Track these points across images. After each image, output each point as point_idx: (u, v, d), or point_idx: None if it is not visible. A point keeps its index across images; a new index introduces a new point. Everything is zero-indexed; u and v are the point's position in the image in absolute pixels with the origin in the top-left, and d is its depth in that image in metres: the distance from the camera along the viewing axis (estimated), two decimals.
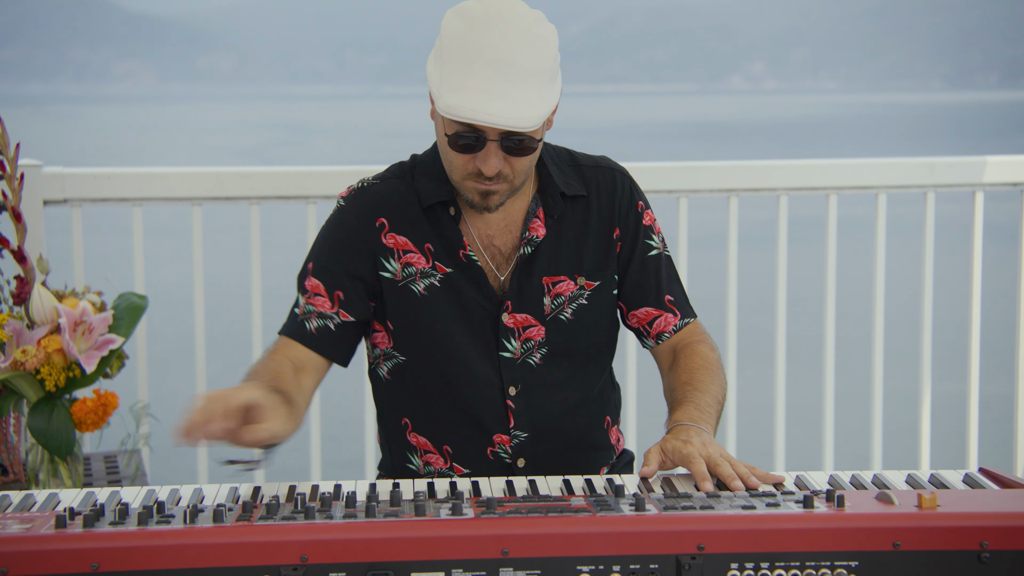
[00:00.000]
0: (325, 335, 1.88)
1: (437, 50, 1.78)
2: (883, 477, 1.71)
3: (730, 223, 3.09)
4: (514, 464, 1.92)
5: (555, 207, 1.89)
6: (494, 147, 1.75)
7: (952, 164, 3.13)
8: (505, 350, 1.89)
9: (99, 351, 2.30)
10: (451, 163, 1.81)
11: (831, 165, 3.11)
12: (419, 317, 1.88)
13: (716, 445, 1.72)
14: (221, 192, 2.95)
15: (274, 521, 1.48)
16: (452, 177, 1.83)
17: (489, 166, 1.76)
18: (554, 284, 1.90)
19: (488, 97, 1.70)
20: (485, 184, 1.79)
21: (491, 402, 1.90)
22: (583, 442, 1.97)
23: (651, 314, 1.95)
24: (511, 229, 1.90)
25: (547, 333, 1.89)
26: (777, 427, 3.14)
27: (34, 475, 2.36)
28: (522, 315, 1.89)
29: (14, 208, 2.36)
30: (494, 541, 1.45)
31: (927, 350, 3.15)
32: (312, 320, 1.88)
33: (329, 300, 1.88)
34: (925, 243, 3.14)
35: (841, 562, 1.48)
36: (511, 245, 1.90)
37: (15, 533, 1.45)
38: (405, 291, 1.88)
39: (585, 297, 1.91)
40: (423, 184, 1.89)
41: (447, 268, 1.88)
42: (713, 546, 1.47)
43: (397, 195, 1.90)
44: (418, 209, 1.89)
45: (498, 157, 1.76)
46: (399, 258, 1.89)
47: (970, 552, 1.49)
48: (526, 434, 1.91)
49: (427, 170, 1.90)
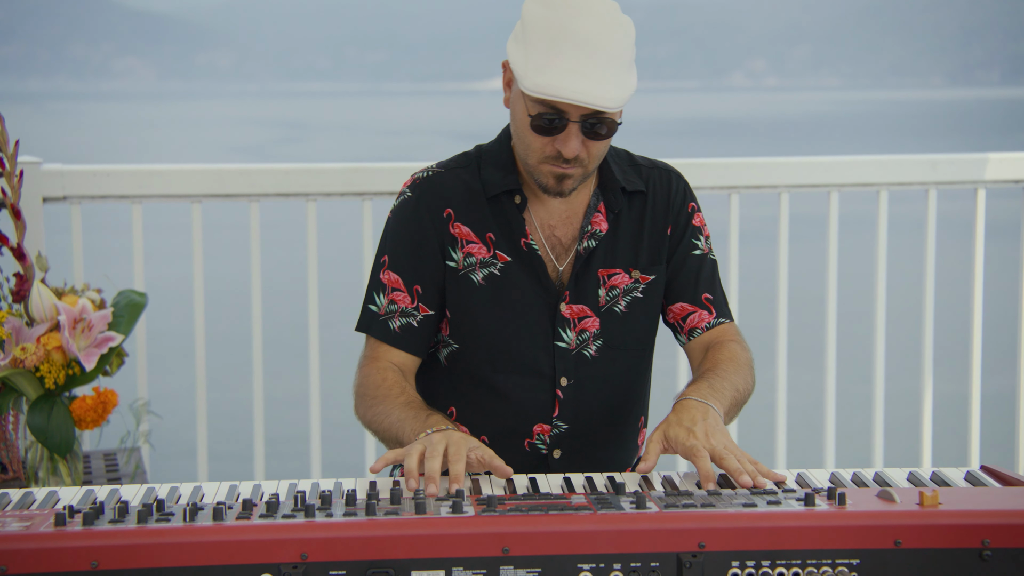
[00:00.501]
0: (409, 333, 1.93)
1: (519, 35, 1.82)
2: (885, 475, 1.71)
3: (731, 220, 3.09)
4: (550, 455, 1.95)
5: (616, 202, 1.94)
6: (575, 129, 1.80)
7: (954, 161, 3.12)
8: (561, 340, 1.93)
9: (99, 349, 2.30)
10: (529, 146, 1.84)
11: (832, 162, 3.11)
12: (476, 306, 1.92)
13: (721, 433, 1.72)
14: (221, 189, 2.94)
15: (274, 519, 1.47)
16: (528, 161, 1.86)
17: (570, 148, 1.80)
18: (609, 276, 1.94)
19: (575, 76, 1.75)
20: (562, 167, 1.83)
21: (540, 391, 1.93)
22: (618, 439, 2.00)
23: (686, 309, 1.98)
24: (572, 221, 1.94)
25: (601, 324, 1.94)
26: (778, 425, 3.13)
27: (33, 473, 2.36)
28: (578, 306, 1.93)
29: (13, 205, 2.36)
30: (495, 539, 1.45)
31: (929, 348, 3.15)
32: (395, 319, 1.93)
33: (409, 295, 1.93)
34: (927, 240, 3.14)
35: (842, 560, 1.48)
36: (571, 236, 1.94)
37: (14, 531, 1.44)
38: (464, 280, 1.92)
39: (640, 290, 1.96)
40: (489, 173, 1.93)
41: (507, 257, 1.93)
42: (714, 544, 1.47)
43: (462, 184, 1.94)
44: (482, 199, 1.93)
45: (578, 139, 1.80)
46: (462, 248, 1.93)
47: (971, 550, 1.49)
48: (567, 425, 1.95)
49: (493, 160, 1.94)
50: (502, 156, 1.94)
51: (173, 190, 2.93)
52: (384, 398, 1.86)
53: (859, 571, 1.48)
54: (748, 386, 1.90)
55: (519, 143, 1.87)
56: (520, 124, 1.85)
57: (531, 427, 1.94)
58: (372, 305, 1.95)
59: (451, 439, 1.69)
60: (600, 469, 1.97)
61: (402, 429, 1.81)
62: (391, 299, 1.93)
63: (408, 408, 1.83)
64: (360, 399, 1.90)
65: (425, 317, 1.93)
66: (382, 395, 1.87)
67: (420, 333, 1.93)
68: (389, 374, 1.89)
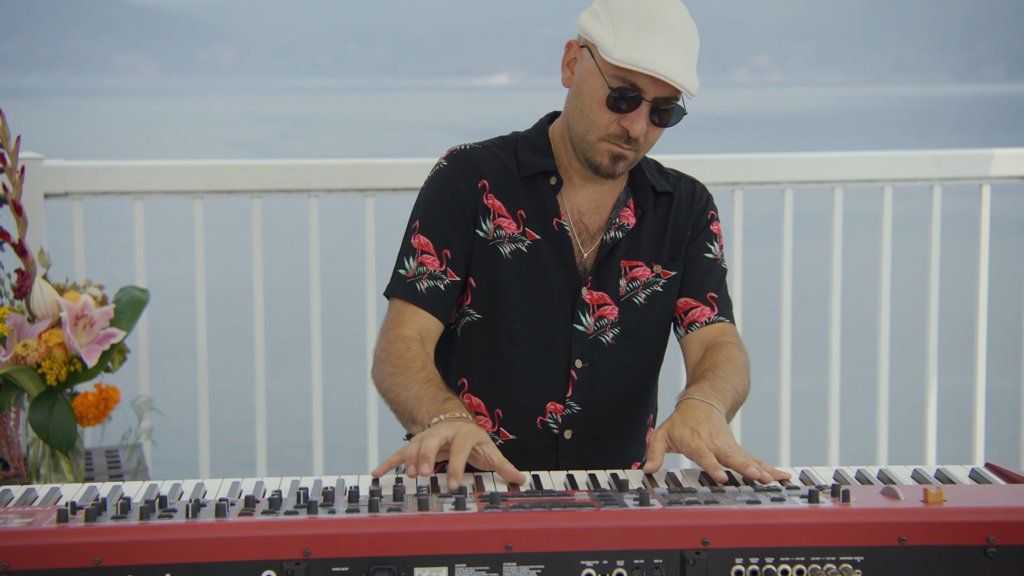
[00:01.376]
0: (436, 296, 1.95)
1: (602, 13, 1.87)
2: (889, 472, 1.70)
3: (735, 216, 3.08)
4: (561, 435, 1.97)
5: (644, 200, 2.00)
6: (646, 109, 1.86)
7: (959, 157, 3.11)
8: (580, 323, 1.96)
9: (100, 345, 2.29)
10: (594, 121, 1.88)
11: (837, 158, 3.10)
12: (501, 278, 1.95)
13: (725, 433, 1.72)
14: (222, 186, 2.94)
15: (276, 516, 1.47)
16: (587, 137, 1.90)
17: (638, 126, 1.86)
18: (631, 268, 1.99)
19: (666, 56, 1.83)
20: (621, 147, 1.88)
21: (554, 370, 1.96)
22: (627, 430, 2.02)
23: (690, 304, 2.01)
24: (601, 211, 1.99)
25: (620, 313, 1.97)
26: (782, 422, 3.13)
27: (35, 469, 2.35)
28: (599, 293, 1.97)
29: (15, 201, 2.35)
30: (498, 536, 1.45)
31: (933, 344, 3.14)
32: (423, 281, 1.95)
33: (438, 259, 1.95)
34: (931, 236, 3.13)
35: (847, 557, 1.47)
36: (598, 226, 1.99)
37: (17, 527, 1.44)
38: (493, 251, 1.96)
39: (660, 285, 2.00)
40: (525, 155, 1.98)
41: (536, 235, 1.96)
42: (718, 541, 1.46)
43: (497, 161, 1.99)
44: (516, 178, 1.98)
45: (645, 120, 1.87)
46: (493, 219, 1.97)
47: (976, 547, 1.48)
48: (579, 407, 1.97)
49: (529, 144, 2.00)
50: (539, 141, 1.99)
51: (175, 186, 2.93)
52: (405, 369, 1.86)
53: (863, 568, 1.48)
54: (746, 388, 1.92)
55: (582, 119, 1.90)
56: (590, 99, 1.88)
57: (544, 405, 1.97)
58: (401, 269, 1.96)
59: (460, 430, 1.68)
60: (609, 457, 1.99)
61: (418, 407, 1.81)
62: (420, 261, 1.95)
63: (427, 385, 1.83)
64: (380, 364, 1.90)
65: (452, 283, 1.95)
66: (404, 366, 1.86)
67: (445, 297, 1.95)
68: (413, 344, 1.90)
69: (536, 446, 1.95)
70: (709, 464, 1.66)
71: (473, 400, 1.99)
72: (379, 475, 1.66)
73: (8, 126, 2.35)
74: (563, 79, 1.94)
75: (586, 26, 1.88)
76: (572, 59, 1.93)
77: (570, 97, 1.93)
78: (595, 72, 1.87)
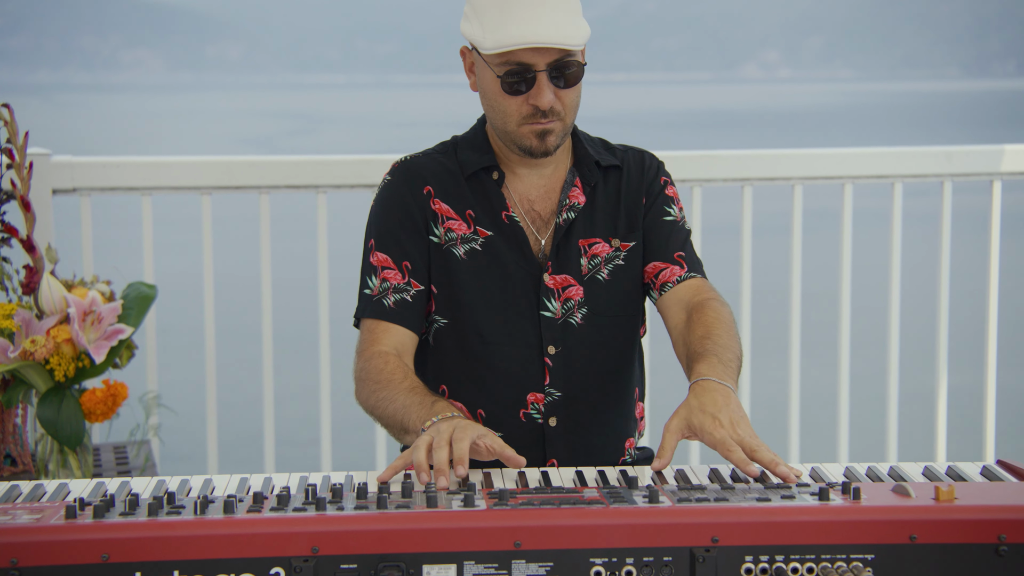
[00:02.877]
0: (404, 308, 1.95)
1: (470, 12, 1.90)
2: (899, 469, 1.69)
3: (744, 213, 3.07)
4: (546, 423, 1.97)
5: (591, 175, 2.00)
6: (544, 79, 1.85)
7: (969, 153, 3.10)
8: (546, 310, 1.97)
9: (108, 341, 2.29)
10: (505, 111, 1.90)
11: (846, 154, 3.09)
12: (460, 280, 1.96)
13: (745, 422, 1.70)
14: (230, 181, 2.94)
15: (285, 512, 1.47)
16: (507, 128, 1.91)
17: (544, 99, 1.85)
18: (590, 246, 1.99)
19: (532, 24, 1.82)
20: (541, 123, 1.88)
21: (529, 361, 1.96)
22: (613, 408, 2.02)
23: (659, 267, 2.01)
24: (550, 195, 1.99)
25: (585, 292, 1.97)
26: (792, 419, 3.12)
27: (43, 466, 2.36)
28: (561, 276, 1.97)
29: (23, 197, 2.35)
30: (506, 533, 1.44)
31: (943, 341, 3.12)
32: (389, 296, 1.96)
33: (399, 271, 1.96)
34: (942, 233, 3.11)
35: (857, 555, 1.47)
36: (549, 211, 1.99)
37: (25, 523, 1.44)
38: (447, 254, 1.97)
39: (621, 258, 2.00)
40: (465, 155, 2.00)
41: (488, 232, 1.97)
42: (728, 538, 1.46)
43: (440, 166, 2.00)
44: (460, 179, 1.99)
45: (549, 89, 1.86)
46: (442, 223, 1.98)
47: (987, 545, 1.47)
48: (560, 393, 1.97)
49: (468, 143, 2.02)
50: (477, 139, 2.01)
51: (183, 182, 2.93)
52: (387, 383, 1.86)
53: (874, 566, 1.47)
54: (740, 347, 1.91)
55: (495, 114, 1.92)
56: (492, 94, 1.90)
57: (524, 396, 1.97)
58: (366, 289, 1.97)
59: (457, 425, 1.69)
60: (598, 439, 1.99)
61: (407, 416, 1.81)
62: (383, 278, 1.96)
63: (412, 394, 1.83)
64: (362, 384, 1.90)
65: (418, 292, 1.96)
66: (385, 380, 1.87)
67: (414, 308, 1.95)
68: (391, 358, 1.90)
69: (523, 439, 1.94)
70: (738, 459, 1.64)
71: (456, 405, 1.96)
72: (385, 480, 1.66)
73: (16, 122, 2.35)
74: (470, 85, 1.97)
75: (463, 30, 1.92)
76: (471, 64, 1.96)
77: (481, 99, 1.95)
78: (484, 67, 1.89)
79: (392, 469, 1.67)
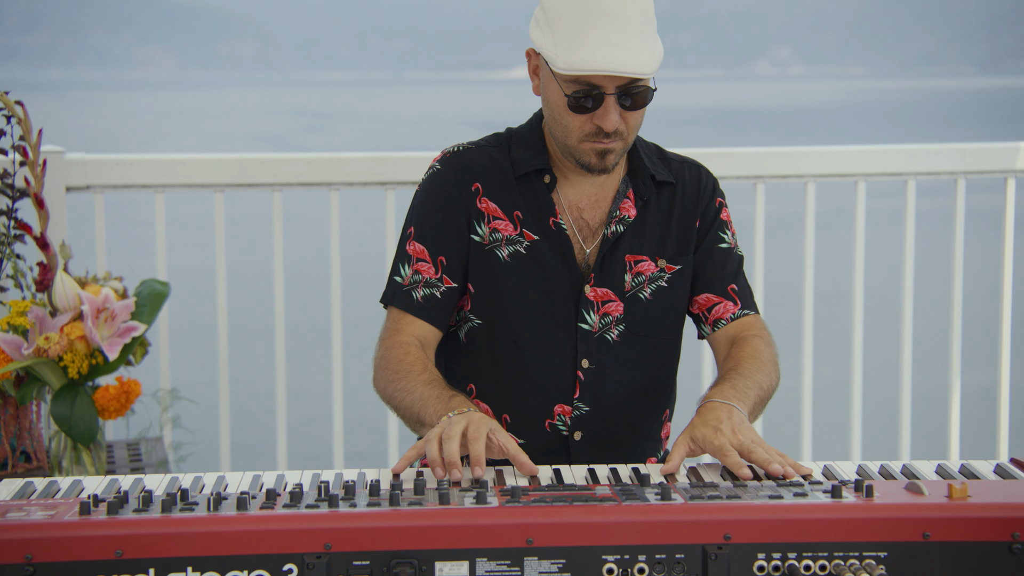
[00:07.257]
0: (432, 303, 1.93)
1: (542, 20, 1.84)
2: (912, 467, 1.69)
3: (757, 210, 3.06)
4: (571, 436, 1.95)
5: (645, 190, 1.96)
6: (612, 102, 1.82)
7: (984, 150, 3.08)
8: (584, 322, 1.93)
9: (122, 338, 2.30)
10: (568, 126, 1.85)
11: (859, 151, 3.07)
12: (500, 282, 1.93)
13: (747, 429, 1.71)
14: (243, 179, 2.94)
15: (298, 509, 1.47)
16: (568, 142, 1.87)
17: (609, 121, 1.82)
18: (636, 263, 1.95)
19: (606, 48, 1.77)
20: (603, 143, 1.85)
21: (561, 372, 1.93)
22: (639, 427, 2.00)
23: (712, 300, 1.98)
24: (600, 205, 1.95)
25: (625, 310, 1.94)
26: (804, 416, 3.11)
27: (57, 462, 2.37)
28: (603, 289, 1.94)
29: (36, 194, 2.36)
30: (519, 530, 1.44)
31: (957, 339, 3.11)
32: (419, 289, 1.93)
33: (433, 266, 1.93)
34: (955, 231, 3.10)
35: (870, 553, 1.46)
36: (599, 220, 1.95)
37: (39, 520, 1.45)
38: (490, 255, 1.93)
39: (665, 280, 1.96)
40: (519, 153, 1.95)
41: (534, 235, 1.93)
42: (740, 536, 1.45)
43: (491, 162, 1.95)
44: (511, 177, 1.94)
45: (616, 112, 1.82)
46: (488, 223, 1.94)
47: (1001, 543, 1.47)
48: (588, 408, 1.94)
49: (523, 140, 1.96)
50: (532, 137, 1.96)
51: (196, 179, 2.93)
52: (407, 374, 1.85)
53: (887, 564, 1.46)
54: (772, 382, 1.89)
55: (557, 126, 1.87)
56: (556, 107, 1.86)
57: (552, 407, 1.94)
58: (397, 276, 1.95)
59: (471, 420, 1.68)
60: (621, 456, 1.96)
61: (424, 408, 1.80)
62: (416, 269, 1.93)
63: (431, 387, 1.82)
64: (381, 372, 1.90)
65: (448, 289, 1.93)
66: (404, 370, 1.86)
67: (442, 305, 1.93)
68: (412, 349, 1.89)
69: (546, 449, 1.93)
70: (733, 462, 1.65)
71: (480, 406, 1.96)
72: (399, 471, 1.66)
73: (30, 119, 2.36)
74: (533, 88, 1.92)
75: (532, 36, 1.86)
76: (535, 67, 1.91)
77: (543, 106, 1.92)
78: (551, 79, 1.85)
79: (405, 460, 1.67)
